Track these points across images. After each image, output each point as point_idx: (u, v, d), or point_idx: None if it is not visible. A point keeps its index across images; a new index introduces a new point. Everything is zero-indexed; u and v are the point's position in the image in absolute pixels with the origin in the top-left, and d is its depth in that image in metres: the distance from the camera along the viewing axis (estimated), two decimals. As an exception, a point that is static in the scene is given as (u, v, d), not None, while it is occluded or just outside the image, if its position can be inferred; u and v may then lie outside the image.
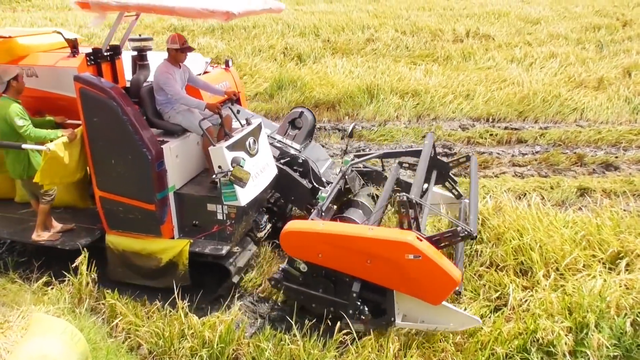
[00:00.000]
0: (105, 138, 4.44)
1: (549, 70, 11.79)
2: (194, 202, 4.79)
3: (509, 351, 3.86)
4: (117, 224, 4.77)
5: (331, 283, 4.30)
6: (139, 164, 4.41)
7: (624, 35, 14.92)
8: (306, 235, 4.17)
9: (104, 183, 4.61)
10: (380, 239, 3.93)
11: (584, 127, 9.21)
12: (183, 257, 4.65)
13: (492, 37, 15.33)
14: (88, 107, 4.37)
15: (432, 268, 3.80)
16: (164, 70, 4.77)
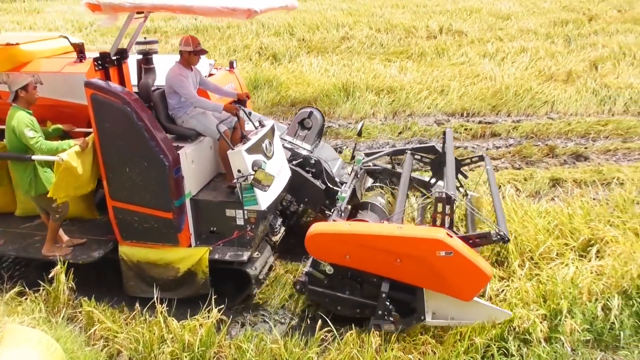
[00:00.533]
0: (119, 145, 4.26)
1: (520, 64, 12.00)
2: (212, 208, 4.65)
3: (487, 340, 3.93)
4: (131, 235, 4.59)
5: (358, 284, 4.23)
6: (155, 171, 4.26)
7: (590, 29, 15.27)
8: (333, 237, 4.09)
9: (118, 192, 4.43)
10: (411, 237, 3.92)
11: (555, 119, 9.43)
12: (202, 265, 4.51)
13: (464, 33, 15.52)
14: (100, 114, 4.19)
15: (464, 264, 3.81)
16: (177, 73, 4.61)
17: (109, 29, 17.29)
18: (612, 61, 11.80)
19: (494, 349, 3.88)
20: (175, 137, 4.73)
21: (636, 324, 4.22)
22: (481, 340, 3.89)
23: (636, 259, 4.49)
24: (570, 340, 4.02)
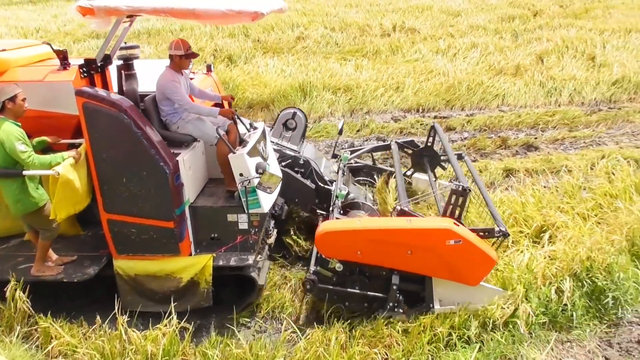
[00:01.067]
0: (114, 155, 4.07)
1: (471, 59, 12.35)
2: (213, 214, 4.53)
3: (448, 329, 4.03)
4: (127, 248, 4.39)
5: (367, 279, 4.34)
6: (155, 180, 4.11)
7: (535, 24, 15.88)
8: (344, 234, 4.15)
9: (113, 204, 4.22)
10: (421, 228, 4.08)
11: (506, 111, 9.75)
12: (206, 273, 4.40)
13: (417, 31, 15.84)
14: (94, 123, 3.96)
15: (472, 251, 4.02)
16: (170, 79, 4.46)
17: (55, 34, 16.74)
18: (556, 54, 12.31)
19: (455, 338, 3.99)
20: (167, 144, 4.51)
21: (587, 304, 4.43)
22: (443, 330, 4.00)
23: (584, 242, 4.71)
24: (527, 322, 4.18)
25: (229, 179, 4.55)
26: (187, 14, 3.90)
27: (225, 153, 4.41)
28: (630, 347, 4.16)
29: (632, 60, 11.59)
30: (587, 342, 4.22)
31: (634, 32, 13.95)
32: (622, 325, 4.41)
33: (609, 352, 4.13)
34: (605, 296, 4.45)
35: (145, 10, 3.90)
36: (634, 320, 4.44)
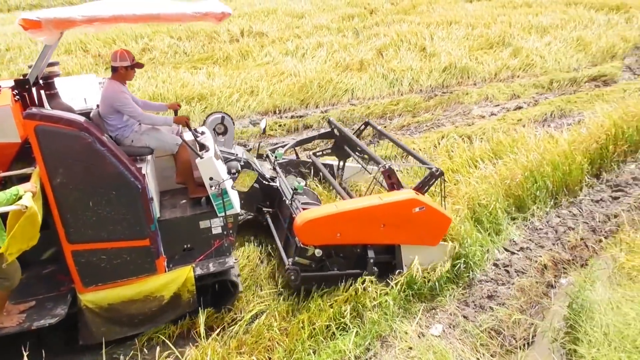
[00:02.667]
0: (77, 179, 3.65)
1: (319, 58, 12.84)
2: (184, 224, 4.34)
3: (326, 322, 4.18)
4: (97, 278, 3.99)
5: (342, 259, 4.62)
6: (127, 198, 3.80)
7: (372, 21, 17.05)
8: (325, 220, 4.34)
9: (79, 233, 3.79)
10: (392, 202, 4.47)
11: (356, 104, 10.34)
12: (188, 284, 4.20)
13: (265, 34, 16.03)
14: (50, 147, 3.50)
15: (434, 214, 4.56)
16: (119, 91, 4.15)
17: None
18: (393, 48, 13.34)
19: (334, 327, 4.14)
20: None
21: (448, 274, 4.90)
22: (321, 323, 4.13)
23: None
24: (397, 299, 4.51)
25: (192, 186, 4.47)
26: (152, 18, 3.81)
27: (187, 160, 4.34)
28: (483, 303, 4.70)
29: (455, 49, 13.02)
30: (448, 305, 4.68)
31: (454, 24, 15.68)
32: (474, 285, 4.96)
33: (466, 310, 4.62)
34: (458, 262, 4.97)
35: (106, 18, 3.58)
36: (483, 278, 5.02)
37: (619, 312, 3.81)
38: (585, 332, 3.81)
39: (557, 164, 6.52)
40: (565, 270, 5.28)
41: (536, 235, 5.82)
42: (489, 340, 4.19)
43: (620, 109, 8.14)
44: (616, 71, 12.17)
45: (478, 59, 12.62)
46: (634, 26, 15.70)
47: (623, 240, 5.33)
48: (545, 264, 5.25)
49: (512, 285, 4.91)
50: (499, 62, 12.43)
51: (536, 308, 4.73)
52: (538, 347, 4.24)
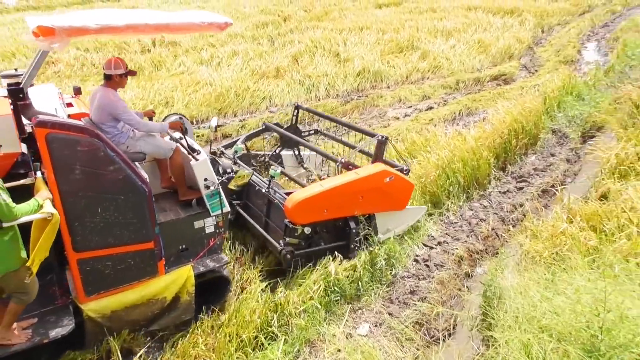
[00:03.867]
0: (88, 186, 3.63)
1: (235, 67, 12.74)
2: (180, 225, 4.41)
3: (254, 333, 4.13)
4: (99, 286, 3.92)
5: (327, 234, 5.05)
6: (134, 202, 3.84)
7: (287, 28, 17.20)
8: (313, 199, 4.67)
9: (86, 241, 3.73)
10: (367, 175, 4.95)
11: (275, 112, 10.36)
12: (188, 285, 4.27)
13: (178, 44, 15.65)
14: (62, 155, 3.45)
15: (401, 182, 5.20)
16: (115, 99, 4.14)
17: None
18: (308, 54, 13.54)
19: (262, 338, 4.11)
20: None
21: (370, 271, 5.02)
22: (249, 334, 4.07)
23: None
24: (323, 303, 4.55)
25: (183, 189, 4.59)
26: (161, 28, 3.86)
27: (180, 164, 4.49)
28: (406, 299, 4.87)
29: (368, 54, 13.44)
30: (374, 304, 4.79)
31: (365, 30, 16.19)
32: (397, 281, 5.12)
33: (391, 307, 4.76)
34: (379, 261, 5.11)
35: (119, 28, 3.62)
36: (405, 275, 5.20)
37: (526, 296, 4.09)
38: (499, 318, 4.06)
39: (467, 160, 6.91)
40: (480, 260, 5.60)
41: (452, 229, 6.13)
42: (413, 335, 4.34)
43: (519, 105, 8.79)
44: (514, 70, 13.14)
45: (390, 62, 13.10)
46: (527, 28, 17.05)
47: (528, 228, 5.74)
48: (462, 256, 5.53)
49: (433, 279, 5.13)
50: (409, 65, 12.98)
51: (456, 299, 4.97)
52: (459, 336, 4.47)
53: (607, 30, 18.26)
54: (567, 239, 5.10)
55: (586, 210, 5.63)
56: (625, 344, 3.27)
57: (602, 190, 6.22)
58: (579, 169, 7.74)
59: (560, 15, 20.36)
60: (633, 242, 4.84)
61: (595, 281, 3.89)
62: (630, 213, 5.33)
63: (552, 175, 7.41)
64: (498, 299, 4.28)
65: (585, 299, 3.73)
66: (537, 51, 15.55)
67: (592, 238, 5.06)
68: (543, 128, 8.84)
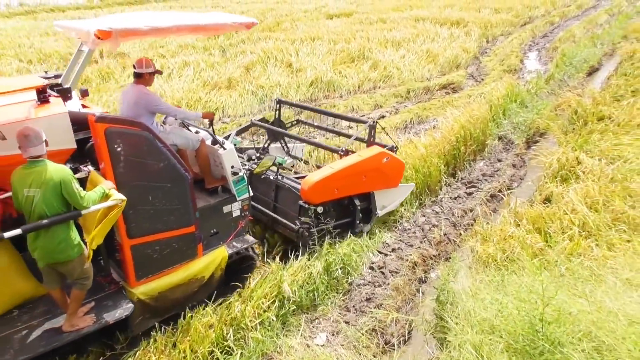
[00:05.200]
0: (141, 175, 3.96)
1: (186, 78, 12.55)
2: (212, 210, 4.72)
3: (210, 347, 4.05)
4: (148, 270, 4.22)
5: (334, 212, 5.59)
6: (179, 189, 4.22)
7: (238, 39, 17.12)
8: (326, 180, 5.21)
9: (139, 228, 4.04)
10: (369, 157, 5.53)
11: (228, 122, 10.25)
12: (222, 264, 4.69)
13: (127, 55, 15.28)
14: (119, 147, 3.75)
15: (395, 162, 5.86)
16: (149, 93, 4.42)
17: None
18: (261, 65, 13.51)
19: (217, 352, 4.03)
20: None
21: (324, 281, 5.02)
22: (204, 350, 3.99)
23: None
24: (279, 315, 4.51)
25: (209, 177, 4.90)
26: (199, 29, 4.35)
27: (205, 154, 4.81)
28: (363, 306, 4.90)
29: (320, 64, 13.56)
30: (331, 313, 4.80)
31: (317, 40, 16.34)
32: (353, 289, 5.15)
33: (347, 315, 4.77)
34: (335, 269, 5.13)
35: (166, 29, 4.06)
36: (361, 282, 5.24)
37: (478, 298, 4.21)
38: (452, 321, 4.15)
39: (418, 167, 7.07)
40: (433, 265, 5.72)
41: (406, 235, 6.23)
42: (370, 342, 4.37)
43: (467, 113, 9.08)
44: (461, 79, 13.58)
45: (342, 72, 13.26)
46: (472, 39, 17.69)
47: (478, 232, 5.91)
48: (416, 262, 5.63)
49: (388, 286, 5.19)
50: (361, 74, 13.18)
51: (410, 304, 5.05)
52: (414, 341, 4.53)
53: (547, 41, 19.20)
54: (516, 241, 5.30)
55: (531, 213, 5.87)
56: (567, 339, 3.41)
57: (546, 193, 6.50)
58: (524, 174, 8.05)
59: (503, 26, 21.24)
60: (575, 242, 5.07)
61: (540, 281, 4.05)
62: (572, 215, 5.60)
63: (500, 180, 7.67)
64: (451, 303, 4.38)
65: (529, 297, 3.87)
66: (482, 60, 16.13)
67: (538, 240, 5.27)
68: (490, 135, 9.16)
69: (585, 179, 6.55)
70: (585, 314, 3.62)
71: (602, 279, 4.27)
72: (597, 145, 7.58)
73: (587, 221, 5.48)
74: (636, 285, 4.05)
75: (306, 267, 4.99)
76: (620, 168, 6.65)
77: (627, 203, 5.74)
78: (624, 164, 6.80)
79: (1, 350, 3.55)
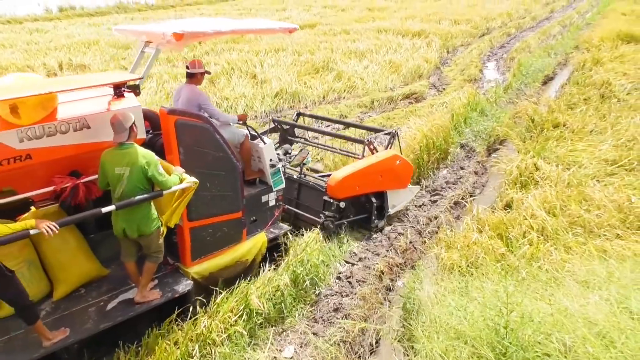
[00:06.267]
0: (202, 164, 4.45)
1: (149, 90, 12.33)
2: (253, 199, 5.21)
3: None
4: (201, 251, 4.71)
5: (353, 207, 6.25)
6: (231, 177, 4.73)
7: (202, 50, 17.02)
8: (349, 177, 5.87)
9: (198, 212, 4.53)
10: (385, 158, 6.22)
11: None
12: (262, 249, 5.21)
13: (87, 67, 14.97)
14: (186, 137, 4.27)
15: (406, 165, 6.60)
16: (200, 92, 5.03)
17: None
18: (225, 76, 13.44)
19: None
20: None
21: (292, 294, 5.00)
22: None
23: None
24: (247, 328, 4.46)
25: (249, 170, 5.38)
26: (251, 31, 5.59)
27: (248, 148, 5.32)
28: (330, 317, 4.89)
29: (285, 75, 13.59)
30: (298, 325, 4.77)
31: (282, 51, 16.40)
32: (321, 300, 5.14)
33: (315, 327, 4.76)
34: (303, 280, 5.12)
35: (226, 32, 4.90)
36: (328, 293, 5.24)
37: (443, 305, 4.27)
38: (418, 329, 4.19)
39: (383, 176, 7.15)
40: (400, 273, 5.78)
41: (372, 244, 6.27)
42: (338, 353, 4.36)
43: (430, 122, 9.27)
44: (424, 89, 13.86)
45: (306, 83, 13.33)
46: (433, 49, 18.10)
47: (442, 239, 6.01)
48: (382, 270, 5.67)
49: (355, 295, 5.20)
50: (326, 85, 13.28)
51: (378, 313, 5.07)
52: (382, 350, 4.55)
53: (504, 51, 19.83)
54: (479, 247, 5.41)
55: (493, 219, 6.01)
56: (530, 343, 3.50)
57: (506, 200, 6.68)
58: (486, 181, 8.26)
59: (462, 37, 21.82)
60: (535, 247, 5.22)
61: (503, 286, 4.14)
62: (531, 220, 5.76)
63: (463, 188, 7.84)
64: (417, 311, 4.43)
65: (493, 303, 3.96)
66: (444, 70, 16.51)
67: (500, 246, 5.40)
68: (452, 143, 9.37)
69: (544, 184, 6.77)
70: (547, 316, 3.73)
71: (561, 282, 4.41)
72: (553, 152, 7.86)
73: (545, 226, 5.65)
74: (592, 287, 4.19)
75: (273, 280, 4.96)
76: (575, 173, 6.90)
77: (582, 207, 5.95)
78: (578, 169, 7.07)
79: (81, 320, 3.93)
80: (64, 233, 3.87)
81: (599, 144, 7.96)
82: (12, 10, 30.70)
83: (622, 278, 4.29)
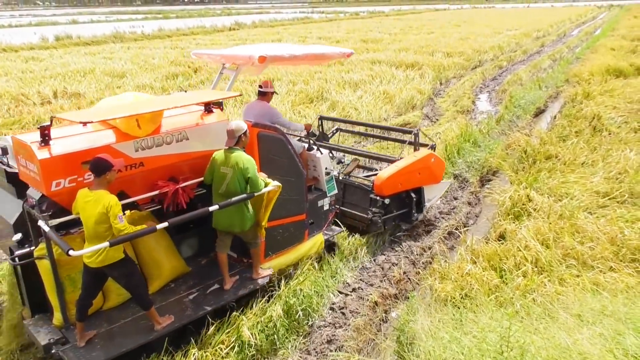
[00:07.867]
0: (277, 171, 5.04)
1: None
2: (311, 204, 5.76)
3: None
4: (272, 249, 5.34)
5: (395, 203, 6.80)
6: (298, 183, 5.39)
7: (197, 80, 17.20)
8: (393, 176, 6.49)
9: (271, 213, 4.92)
10: (422, 157, 6.87)
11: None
12: (320, 248, 5.92)
13: (82, 95, 15.06)
14: (265, 147, 5.03)
15: (440, 162, 7.28)
16: (272, 107, 5.73)
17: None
18: (221, 105, 13.53)
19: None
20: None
21: (285, 325, 4.93)
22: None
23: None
24: None
25: (307, 177, 5.68)
26: (319, 57, 6.05)
27: (306, 157, 5.88)
28: (324, 349, 4.82)
29: (279, 104, 13.70)
30: (291, 357, 4.69)
31: (277, 81, 16.54)
32: (314, 331, 5.07)
33: (309, 358, 4.68)
34: (296, 311, 5.05)
35: (299, 57, 5.55)
36: (321, 324, 5.17)
37: (437, 337, 4.22)
38: (412, 362, 4.14)
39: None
40: (394, 304, 5.73)
41: (366, 274, 6.23)
42: (331, 387, 4.28)
43: (423, 152, 9.32)
44: (417, 119, 14.01)
45: (301, 112, 13.46)
46: (426, 80, 18.39)
47: (436, 270, 5.99)
48: (376, 301, 5.62)
49: (349, 327, 5.14)
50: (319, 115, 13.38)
51: (372, 345, 5.00)
52: (376, 384, 4.47)
53: (496, 83, 20.17)
54: (472, 279, 5.39)
55: (487, 250, 6.01)
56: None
57: (500, 230, 6.69)
58: (479, 211, 8.28)
59: (455, 69, 22.22)
60: (529, 279, 5.21)
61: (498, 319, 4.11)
62: (525, 251, 5.77)
63: (456, 218, 7.85)
64: (410, 343, 4.37)
65: (489, 337, 3.92)
66: (437, 102, 16.74)
67: (493, 277, 5.39)
68: (446, 173, 9.42)
69: (537, 215, 6.80)
70: (543, 350, 3.69)
71: (555, 314, 4.38)
72: (546, 183, 7.92)
73: (539, 257, 5.65)
74: (585, 322, 4.17)
75: (265, 310, 4.90)
76: (567, 205, 6.95)
77: (575, 239, 5.97)
78: (570, 200, 7.12)
79: (180, 309, 4.53)
80: (157, 234, 4.36)
81: (590, 176, 8.05)
82: (9, 39, 31.04)
83: (615, 312, 4.27)
